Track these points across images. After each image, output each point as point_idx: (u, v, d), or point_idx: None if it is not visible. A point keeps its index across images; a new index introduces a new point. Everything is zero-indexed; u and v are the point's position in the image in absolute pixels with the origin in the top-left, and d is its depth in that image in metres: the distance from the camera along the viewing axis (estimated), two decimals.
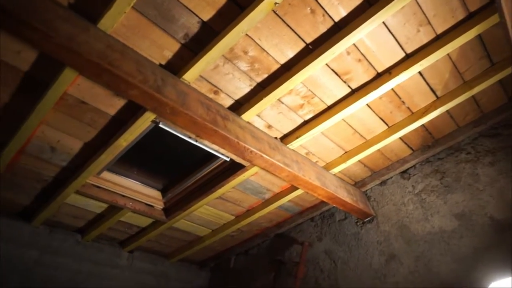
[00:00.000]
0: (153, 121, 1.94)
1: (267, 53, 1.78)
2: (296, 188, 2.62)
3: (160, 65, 1.74)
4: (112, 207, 2.68)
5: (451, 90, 2.15)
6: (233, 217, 3.03)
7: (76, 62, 1.41)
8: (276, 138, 2.29)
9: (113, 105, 1.89)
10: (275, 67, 1.85)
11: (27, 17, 1.26)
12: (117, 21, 1.50)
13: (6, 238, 2.63)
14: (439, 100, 2.20)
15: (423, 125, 2.39)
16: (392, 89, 2.07)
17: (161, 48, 1.68)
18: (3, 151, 2.03)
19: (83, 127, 2.01)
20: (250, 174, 2.43)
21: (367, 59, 1.89)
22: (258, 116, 2.12)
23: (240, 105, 2.05)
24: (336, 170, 2.62)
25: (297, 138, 2.26)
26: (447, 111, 2.28)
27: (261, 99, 1.94)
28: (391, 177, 2.83)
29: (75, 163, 2.25)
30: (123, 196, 2.61)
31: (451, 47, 1.81)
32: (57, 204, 2.51)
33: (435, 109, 2.19)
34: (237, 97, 2.00)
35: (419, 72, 2.01)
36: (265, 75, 1.89)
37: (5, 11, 1.26)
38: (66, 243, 2.91)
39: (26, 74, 1.70)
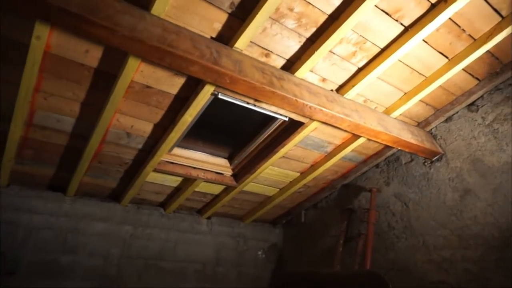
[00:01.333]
0: (212, 94, 2.04)
1: (313, 5, 1.76)
2: (358, 137, 2.62)
3: (212, 38, 1.81)
4: (187, 179, 2.91)
5: None
6: (298, 174, 3.13)
7: (140, 49, 1.53)
8: (332, 90, 2.29)
9: (174, 84, 2.02)
10: (323, 18, 1.83)
11: (93, 17, 1.38)
12: (168, 4, 1.58)
13: (102, 218, 3.00)
14: (504, 20, 2.02)
15: (488, 51, 2.23)
16: (449, 18, 1.94)
17: (210, 21, 1.74)
18: (89, 143, 2.28)
19: (151, 109, 2.18)
20: (310, 130, 2.47)
21: None
22: (311, 71, 2.13)
23: (292, 64, 2.07)
24: (397, 113, 2.57)
25: (353, 86, 2.24)
26: None
27: (313, 53, 1.94)
28: (457, 112, 2.71)
29: (149, 144, 2.46)
30: (195, 168, 2.81)
31: None
32: (139, 183, 2.78)
33: (501, 30, 2.02)
34: (288, 56, 2.02)
35: None
36: (314, 29, 1.88)
37: (72, 14, 1.38)
38: (153, 216, 3.24)
39: (96, 70, 1.87)
